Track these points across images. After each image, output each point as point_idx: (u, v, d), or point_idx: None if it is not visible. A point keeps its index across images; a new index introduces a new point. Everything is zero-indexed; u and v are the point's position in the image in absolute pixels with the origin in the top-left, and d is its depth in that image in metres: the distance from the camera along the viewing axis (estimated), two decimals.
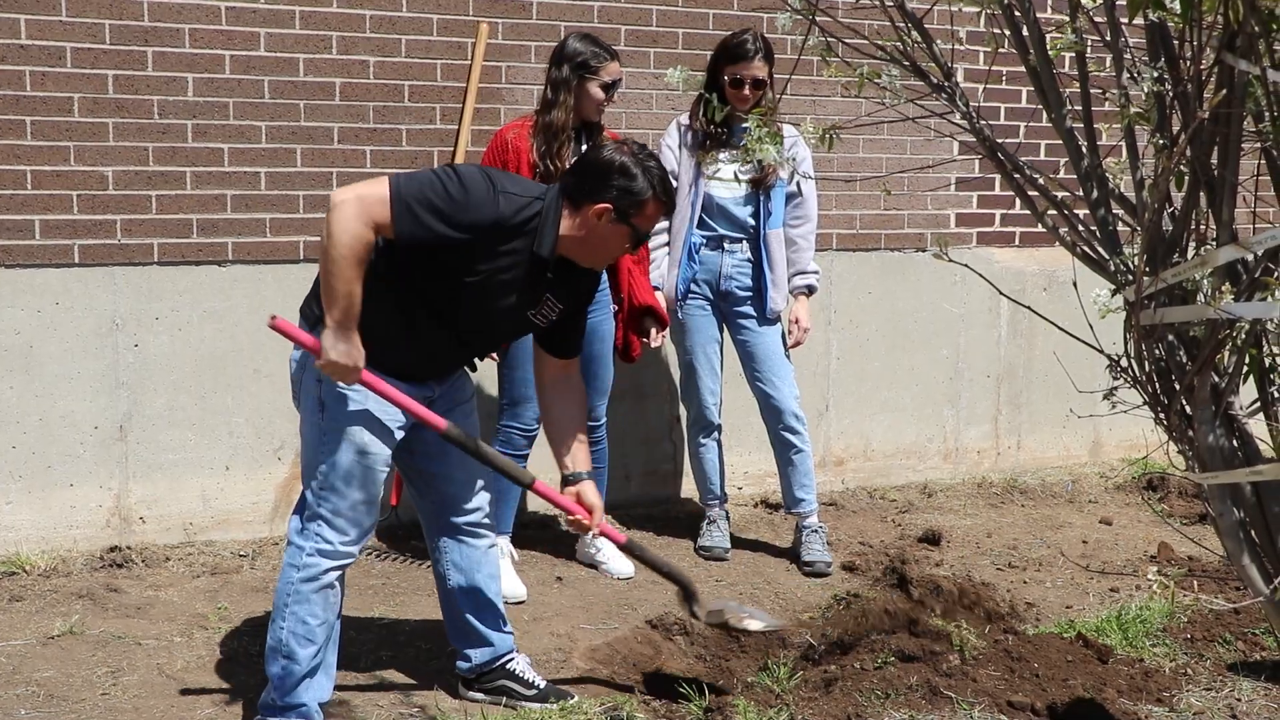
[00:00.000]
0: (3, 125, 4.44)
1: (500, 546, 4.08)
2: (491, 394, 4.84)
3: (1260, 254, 2.33)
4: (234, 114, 4.70)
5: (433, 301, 3.20)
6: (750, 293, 4.80)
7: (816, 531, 4.88)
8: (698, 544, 4.97)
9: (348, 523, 3.23)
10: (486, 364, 4.07)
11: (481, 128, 4.96)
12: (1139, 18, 2.31)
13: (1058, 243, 2.68)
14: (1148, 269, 2.40)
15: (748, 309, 4.82)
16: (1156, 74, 2.34)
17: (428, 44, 4.94)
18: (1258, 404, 2.55)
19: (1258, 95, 2.30)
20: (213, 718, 3.44)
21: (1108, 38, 2.47)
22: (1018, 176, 2.67)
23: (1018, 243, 6.11)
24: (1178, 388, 2.50)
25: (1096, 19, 2.54)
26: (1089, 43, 2.53)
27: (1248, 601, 2.75)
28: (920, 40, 2.66)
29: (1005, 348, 6.13)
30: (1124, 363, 2.57)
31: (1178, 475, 4.98)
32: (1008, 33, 2.56)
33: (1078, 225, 2.60)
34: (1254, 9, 2.15)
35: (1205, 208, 2.45)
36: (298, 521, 3.27)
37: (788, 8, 2.65)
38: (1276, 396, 2.53)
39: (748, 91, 4.59)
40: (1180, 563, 4.82)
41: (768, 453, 5.04)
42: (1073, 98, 2.59)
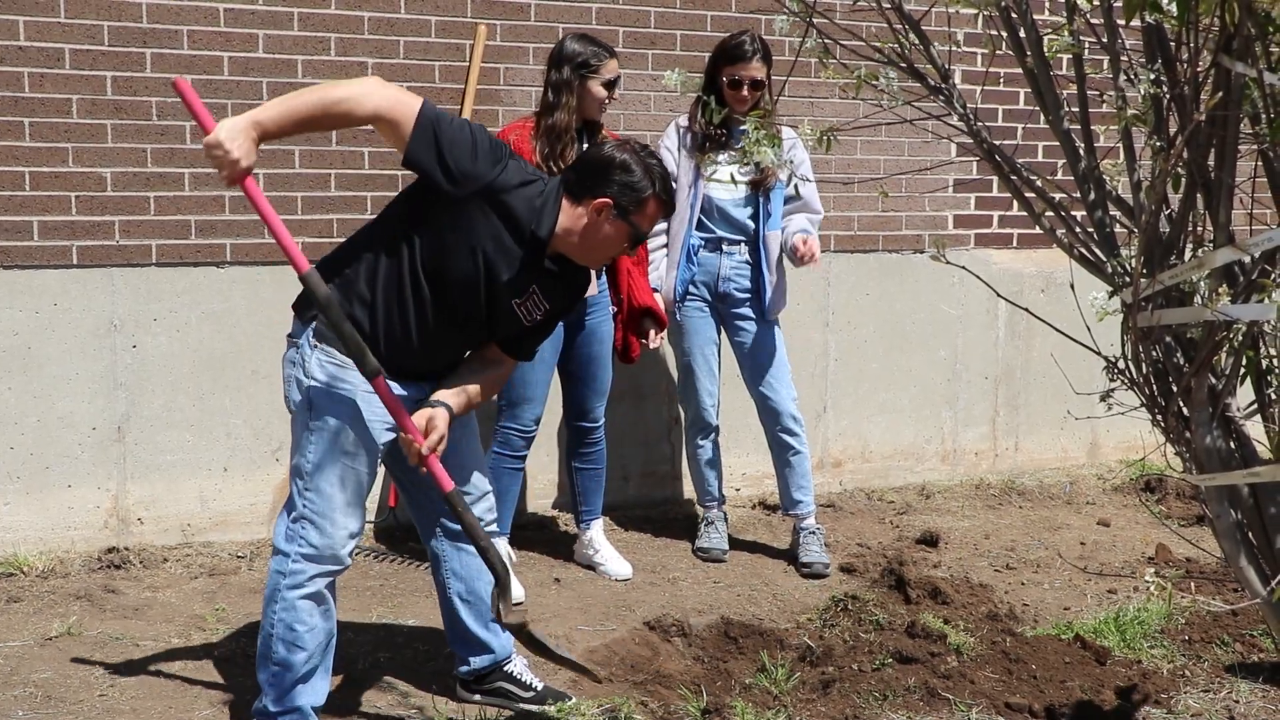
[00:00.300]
0: (1, 126, 4.44)
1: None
2: None
3: (1257, 256, 2.33)
4: (233, 115, 4.69)
5: (433, 272, 3.12)
6: (748, 294, 4.80)
7: (814, 533, 4.88)
8: (695, 545, 4.98)
9: (333, 525, 3.16)
10: None
11: None
12: (1136, 20, 2.31)
13: (1055, 244, 2.68)
14: (1145, 271, 2.40)
15: (746, 310, 4.82)
16: (1153, 76, 2.34)
17: (426, 45, 4.95)
18: (1255, 406, 2.55)
19: (1254, 97, 2.30)
20: (210, 719, 3.44)
21: (1105, 40, 2.47)
22: (1015, 178, 2.67)
23: (1015, 244, 6.11)
24: (1175, 389, 2.50)
25: (1093, 21, 2.55)
26: (1086, 45, 2.53)
27: (1245, 603, 2.75)
28: (918, 42, 2.67)
29: (1003, 349, 6.14)
30: (1121, 364, 2.57)
31: (1175, 477, 4.97)
32: (1005, 35, 2.56)
33: (1075, 227, 2.60)
34: (1250, 11, 2.15)
35: (1202, 210, 2.45)
36: (283, 525, 3.20)
37: (785, 10, 2.65)
38: (1273, 398, 2.53)
39: (746, 92, 4.59)
40: (1178, 564, 4.82)
41: (765, 454, 5.04)
42: (1070, 100, 2.59)
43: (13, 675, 3.65)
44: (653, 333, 4.63)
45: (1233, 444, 2.53)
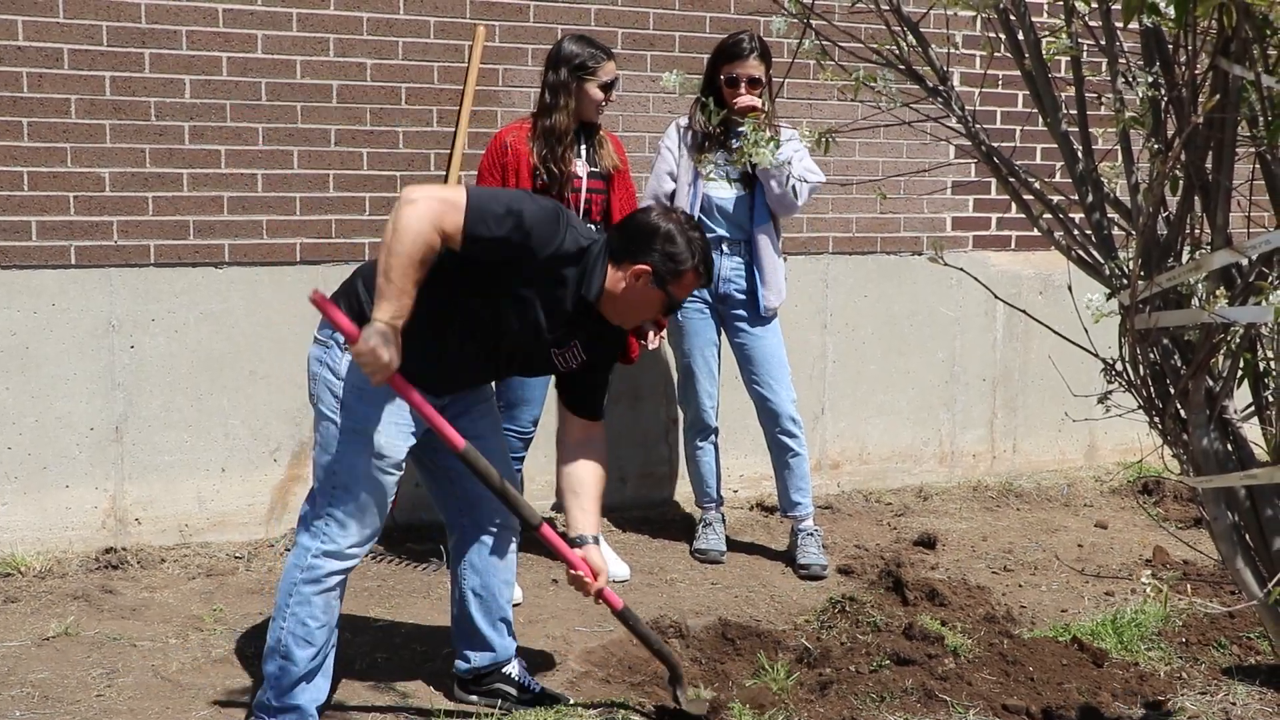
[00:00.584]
0: (0, 126, 4.44)
1: None
2: None
3: (1254, 258, 2.34)
4: (231, 116, 4.71)
5: (470, 314, 3.19)
6: (746, 295, 4.80)
7: (812, 535, 4.88)
8: (693, 547, 4.97)
9: (357, 524, 3.23)
10: None
11: (478, 130, 4.97)
12: (1134, 22, 2.31)
13: (1053, 246, 2.68)
14: (1142, 273, 2.40)
15: (744, 311, 4.82)
16: (1151, 79, 2.35)
17: (425, 46, 4.95)
18: (1252, 408, 2.56)
19: (1252, 100, 2.30)
20: (207, 719, 3.44)
21: (1103, 42, 2.47)
22: (1013, 180, 2.67)
23: (1013, 246, 6.12)
24: (1172, 392, 2.50)
25: (1092, 23, 2.55)
26: (1084, 47, 2.53)
27: (1242, 605, 2.76)
28: (916, 44, 2.67)
29: (1001, 351, 6.14)
30: (1119, 367, 2.57)
31: (1173, 479, 4.98)
32: (1003, 37, 2.57)
33: (1073, 229, 2.61)
34: (1248, 14, 2.15)
35: (1200, 212, 2.45)
36: (307, 520, 3.28)
37: (783, 11, 2.65)
38: (1270, 400, 2.53)
39: (743, 90, 4.59)
40: (1175, 566, 4.82)
41: (764, 456, 5.04)
42: (1068, 102, 2.60)
43: (10, 675, 3.65)
44: (652, 334, 4.63)
45: (1230, 446, 2.53)
